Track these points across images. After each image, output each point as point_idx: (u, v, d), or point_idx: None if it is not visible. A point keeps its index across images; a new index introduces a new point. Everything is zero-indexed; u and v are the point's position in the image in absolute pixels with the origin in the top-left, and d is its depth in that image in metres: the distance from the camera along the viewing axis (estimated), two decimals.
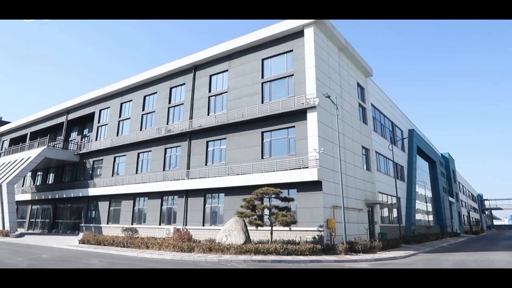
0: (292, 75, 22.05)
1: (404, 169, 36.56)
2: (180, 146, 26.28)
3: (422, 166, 44.21)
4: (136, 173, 28.72)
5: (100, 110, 34.82)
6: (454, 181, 61.22)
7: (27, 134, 43.07)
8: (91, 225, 30.70)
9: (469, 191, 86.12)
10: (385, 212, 30.04)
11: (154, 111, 29.41)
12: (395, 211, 31.53)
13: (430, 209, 44.93)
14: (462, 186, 74.82)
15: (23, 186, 41.97)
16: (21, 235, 28.53)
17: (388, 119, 34.54)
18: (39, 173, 40.88)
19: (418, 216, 38.53)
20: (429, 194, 45.60)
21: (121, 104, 32.72)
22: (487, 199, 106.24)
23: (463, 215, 69.19)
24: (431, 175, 48.33)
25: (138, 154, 29.19)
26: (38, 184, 40.51)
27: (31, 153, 33.00)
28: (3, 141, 47.40)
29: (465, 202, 74.84)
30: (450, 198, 53.68)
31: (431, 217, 44.73)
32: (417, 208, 38.21)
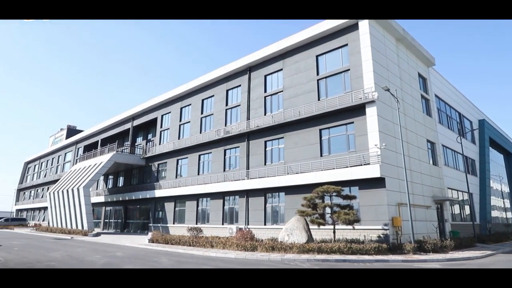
0: (348, 70, 21.49)
1: (475, 163, 33.94)
2: (238, 146, 26.80)
3: (496, 159, 40.67)
4: (198, 174, 29.79)
5: (162, 115, 36.67)
6: None
7: (98, 141, 46.67)
8: (159, 225, 32.42)
9: None
10: (456, 209, 28.11)
11: (212, 114, 30.30)
12: (467, 208, 29.41)
13: (508, 205, 41.22)
14: None
15: (97, 189, 45.45)
16: (98, 234, 30.97)
17: (455, 110, 32.28)
18: (110, 176, 44.05)
19: (494, 213, 35.54)
20: (506, 189, 41.84)
21: (181, 108, 34.18)
22: None
23: None
24: (507, 168, 44.29)
25: (199, 156, 30.27)
26: (110, 187, 43.67)
27: (102, 159, 35.70)
28: (78, 148, 51.79)
29: None
30: None
31: (509, 214, 41.03)
32: (493, 205, 35.23)
